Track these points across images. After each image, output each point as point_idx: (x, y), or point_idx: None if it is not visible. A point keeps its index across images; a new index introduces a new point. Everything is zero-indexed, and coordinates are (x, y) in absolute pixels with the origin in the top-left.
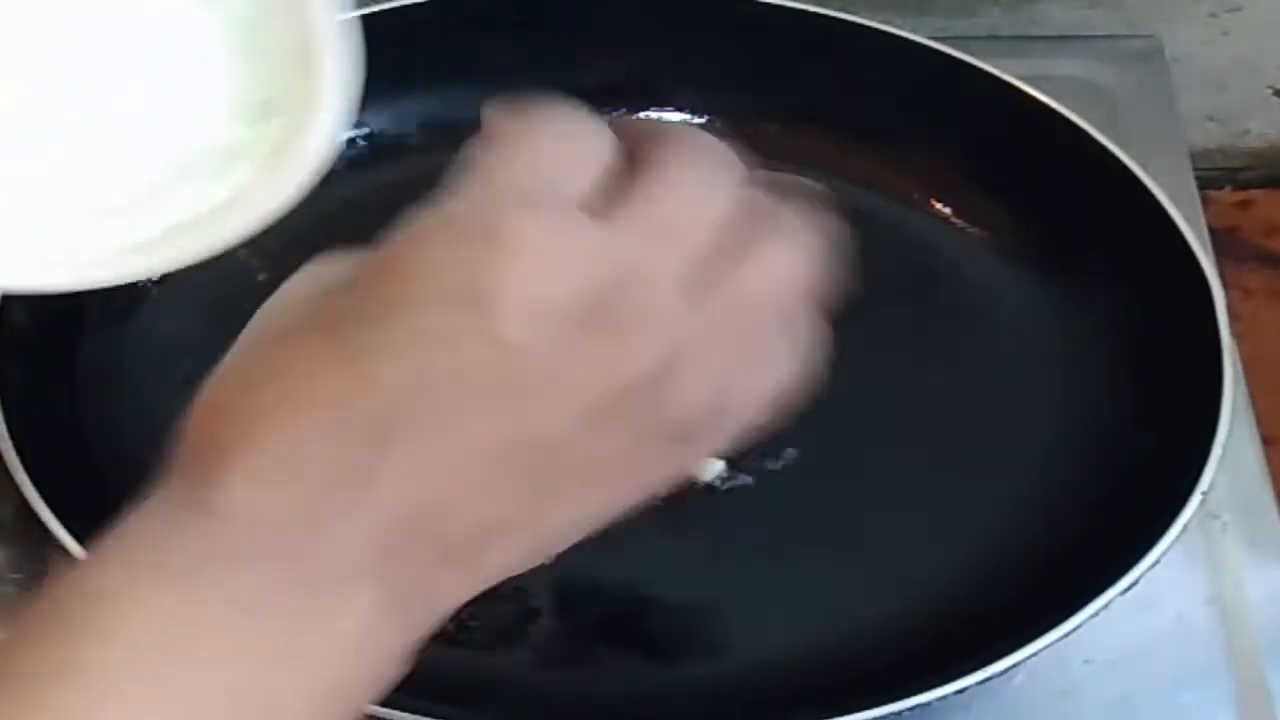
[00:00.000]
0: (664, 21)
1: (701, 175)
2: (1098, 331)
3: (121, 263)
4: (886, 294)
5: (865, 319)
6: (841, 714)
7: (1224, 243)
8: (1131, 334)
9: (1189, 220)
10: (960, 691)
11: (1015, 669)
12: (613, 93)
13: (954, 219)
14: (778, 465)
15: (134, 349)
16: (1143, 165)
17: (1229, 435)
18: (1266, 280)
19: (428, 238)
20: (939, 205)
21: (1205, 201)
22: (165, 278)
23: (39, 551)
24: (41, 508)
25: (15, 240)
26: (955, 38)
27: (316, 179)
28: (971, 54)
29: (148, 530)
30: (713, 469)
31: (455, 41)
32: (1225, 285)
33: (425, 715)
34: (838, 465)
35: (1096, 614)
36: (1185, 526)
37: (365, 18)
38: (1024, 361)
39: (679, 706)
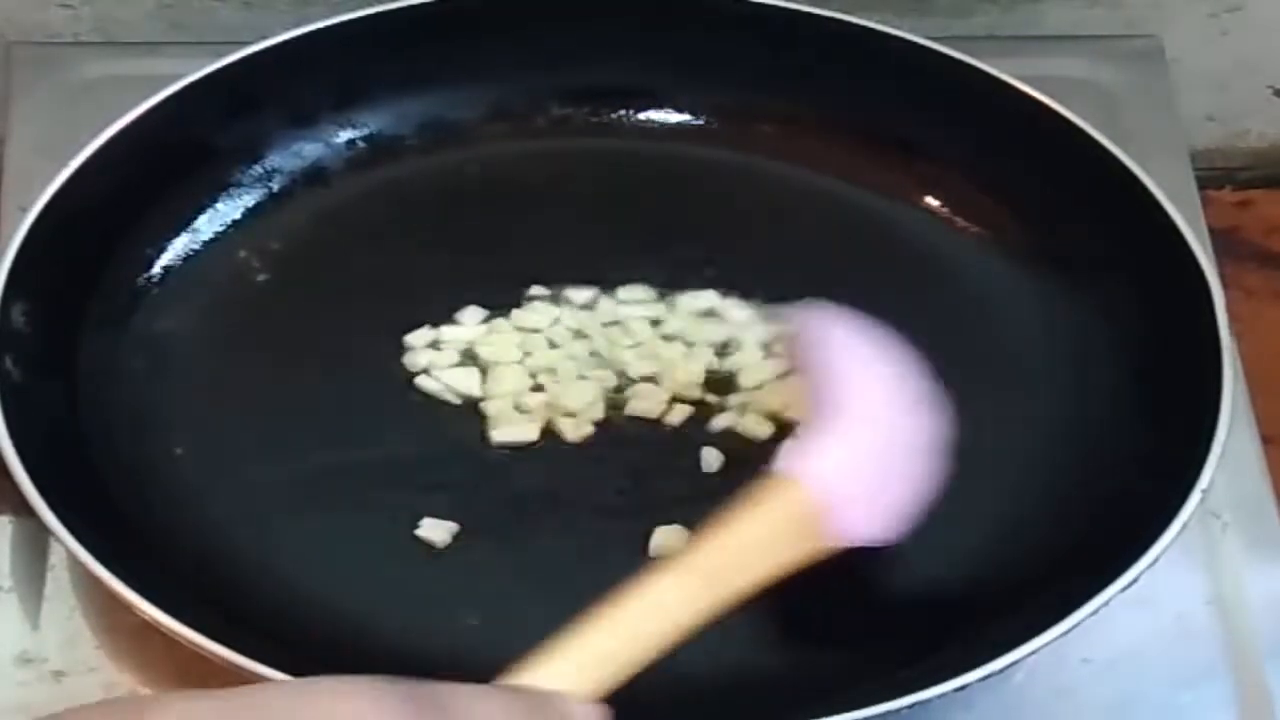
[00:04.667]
0: (664, 22)
1: None
2: (1097, 331)
3: None
4: (886, 293)
5: (865, 318)
6: (842, 713)
7: (1224, 243)
8: (1131, 334)
9: (1189, 220)
10: (960, 689)
11: (1015, 668)
12: (613, 93)
13: (954, 219)
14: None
15: (134, 349)
16: (1143, 165)
17: (1229, 435)
18: (1266, 280)
19: None
20: (939, 205)
21: (1205, 201)
22: (166, 277)
23: (39, 551)
24: (41, 507)
25: None
26: (955, 38)
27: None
28: (971, 54)
29: None
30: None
31: (455, 41)
32: (1225, 285)
33: None
34: None
35: (1096, 613)
36: (1185, 526)
37: (366, 18)
38: (1023, 361)
39: (677, 705)
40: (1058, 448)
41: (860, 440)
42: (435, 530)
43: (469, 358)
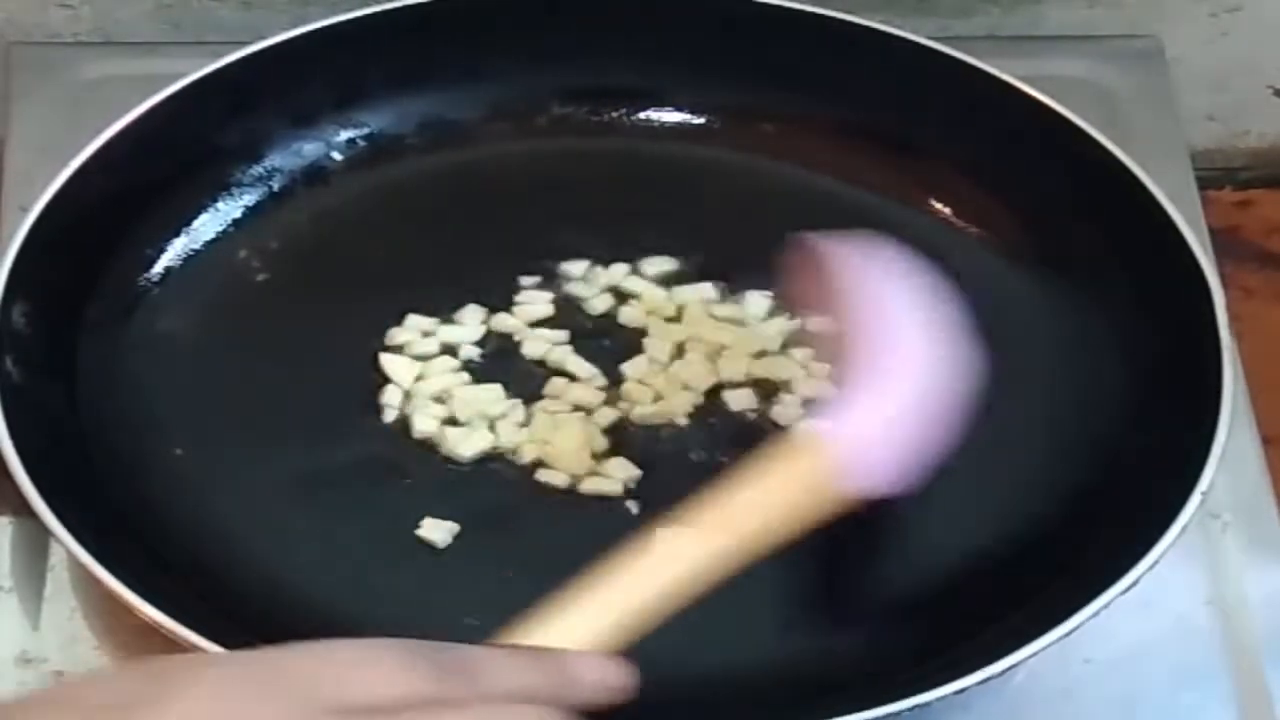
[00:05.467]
0: (664, 21)
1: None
2: (1097, 331)
3: None
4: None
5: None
6: (841, 714)
7: (1224, 243)
8: (1131, 334)
9: (1189, 220)
10: (960, 692)
11: (1015, 669)
12: (613, 93)
13: (954, 219)
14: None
15: (134, 348)
16: (1143, 165)
17: (1229, 435)
18: (1267, 280)
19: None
20: (939, 205)
21: (1205, 201)
22: (166, 277)
23: (39, 551)
24: (41, 508)
25: None
26: (956, 38)
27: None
28: (972, 54)
29: None
30: None
31: (455, 41)
32: (1225, 285)
33: None
34: None
35: (1097, 614)
36: (1185, 527)
37: (365, 18)
38: (1023, 361)
39: (677, 705)
40: (1058, 448)
41: (890, 393)
42: (435, 530)
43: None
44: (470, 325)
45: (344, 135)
